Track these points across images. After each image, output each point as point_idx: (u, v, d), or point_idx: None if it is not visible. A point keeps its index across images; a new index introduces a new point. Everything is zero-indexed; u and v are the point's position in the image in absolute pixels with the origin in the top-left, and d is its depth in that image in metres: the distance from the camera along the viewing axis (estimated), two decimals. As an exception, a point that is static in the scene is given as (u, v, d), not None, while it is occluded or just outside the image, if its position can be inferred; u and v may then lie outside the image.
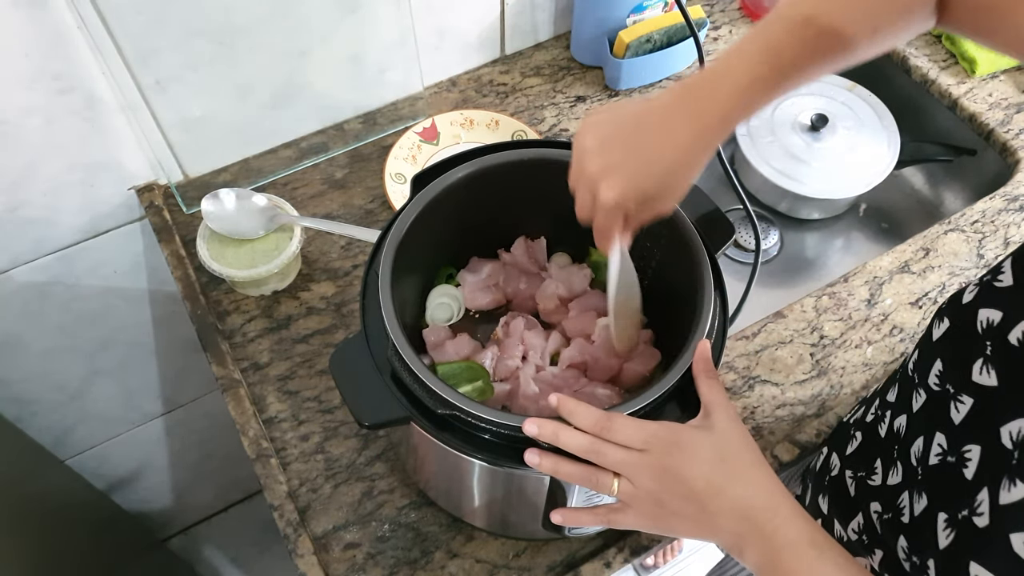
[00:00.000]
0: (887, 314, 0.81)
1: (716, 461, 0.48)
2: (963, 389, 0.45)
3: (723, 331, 0.57)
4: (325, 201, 0.89)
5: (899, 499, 0.51)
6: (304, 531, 0.68)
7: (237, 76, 0.83)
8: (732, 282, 0.60)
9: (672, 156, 0.50)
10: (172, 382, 1.18)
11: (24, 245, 0.86)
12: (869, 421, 0.59)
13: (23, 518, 0.92)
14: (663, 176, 0.50)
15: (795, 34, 0.49)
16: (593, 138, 0.51)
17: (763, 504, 0.47)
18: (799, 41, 0.49)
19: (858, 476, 0.58)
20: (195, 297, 0.81)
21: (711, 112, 0.49)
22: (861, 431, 0.61)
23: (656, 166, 0.50)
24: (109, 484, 1.29)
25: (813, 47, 0.49)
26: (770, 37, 0.50)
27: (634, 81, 0.99)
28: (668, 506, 0.48)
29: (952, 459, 0.45)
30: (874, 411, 0.59)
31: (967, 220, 0.88)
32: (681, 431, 0.49)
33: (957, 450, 0.44)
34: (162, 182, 0.89)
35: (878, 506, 0.54)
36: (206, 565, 1.55)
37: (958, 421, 0.45)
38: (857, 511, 0.57)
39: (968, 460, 0.43)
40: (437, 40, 0.95)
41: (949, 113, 1.01)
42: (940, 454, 0.46)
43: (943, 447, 0.46)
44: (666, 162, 0.50)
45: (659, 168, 0.50)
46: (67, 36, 0.72)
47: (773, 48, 0.49)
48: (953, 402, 0.46)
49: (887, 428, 0.55)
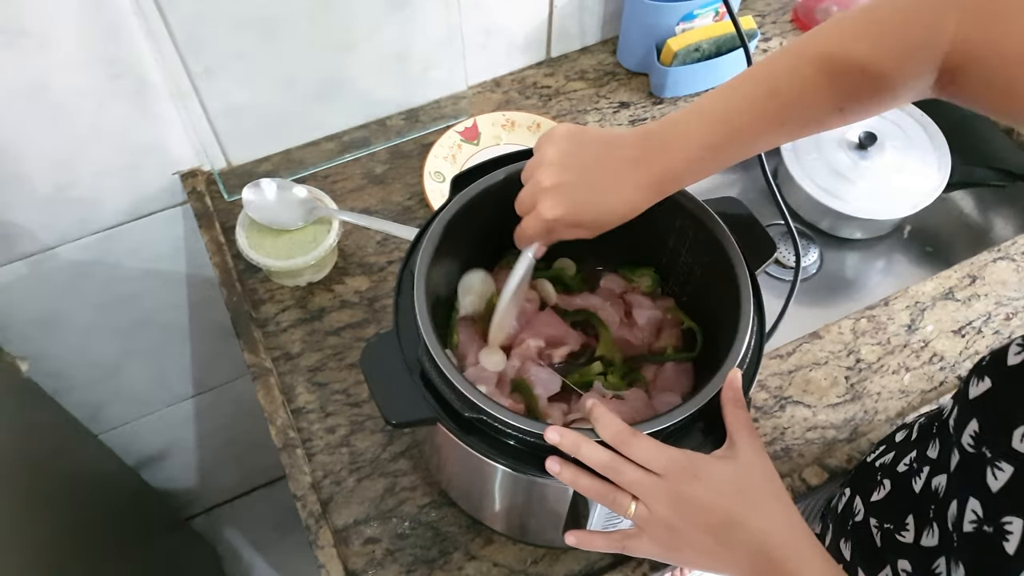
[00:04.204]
0: (928, 341, 0.79)
1: (735, 493, 0.47)
2: (1003, 456, 0.42)
3: (759, 351, 0.56)
4: (364, 196, 0.89)
5: (935, 564, 0.49)
6: (325, 523, 0.68)
7: (283, 67, 0.84)
8: (769, 298, 0.59)
9: (615, 202, 0.52)
10: (204, 366, 1.20)
11: (70, 224, 0.88)
12: (901, 472, 0.57)
13: (56, 488, 0.94)
14: (601, 215, 0.53)
15: (758, 105, 0.50)
16: (556, 153, 0.53)
17: (782, 540, 0.46)
18: (760, 114, 0.50)
19: (885, 528, 0.56)
20: (231, 284, 0.82)
21: (661, 172, 0.52)
22: (890, 480, 0.58)
23: (598, 206, 0.53)
24: (138, 461, 1.32)
25: (774, 120, 0.50)
26: (732, 105, 0.50)
27: (680, 90, 0.98)
28: (683, 535, 0.47)
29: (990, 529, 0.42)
30: (908, 463, 0.56)
31: (1018, 249, 0.85)
32: (701, 459, 0.48)
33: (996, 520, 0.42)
34: (205, 168, 0.90)
35: (907, 565, 0.52)
36: (227, 546, 1.57)
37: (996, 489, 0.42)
38: (884, 564, 0.55)
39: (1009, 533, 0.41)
40: (483, 39, 0.95)
41: (1005, 137, 0.98)
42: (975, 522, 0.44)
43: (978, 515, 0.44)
44: (608, 205, 0.52)
45: (600, 208, 0.53)
46: (123, 22, 0.73)
47: (733, 118, 0.50)
48: (991, 468, 0.43)
49: (923, 484, 0.53)
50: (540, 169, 0.53)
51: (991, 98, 0.46)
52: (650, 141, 0.52)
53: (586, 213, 0.53)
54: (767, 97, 0.49)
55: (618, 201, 0.52)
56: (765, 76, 0.50)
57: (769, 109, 0.49)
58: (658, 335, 0.67)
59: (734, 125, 0.50)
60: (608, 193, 0.52)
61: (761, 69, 0.50)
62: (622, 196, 0.52)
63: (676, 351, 0.67)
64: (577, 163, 0.53)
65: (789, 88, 0.49)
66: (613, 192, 0.52)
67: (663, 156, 0.51)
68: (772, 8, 1.08)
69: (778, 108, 0.49)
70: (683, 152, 0.51)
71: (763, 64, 0.50)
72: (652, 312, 0.67)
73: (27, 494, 0.85)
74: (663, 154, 0.51)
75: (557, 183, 0.52)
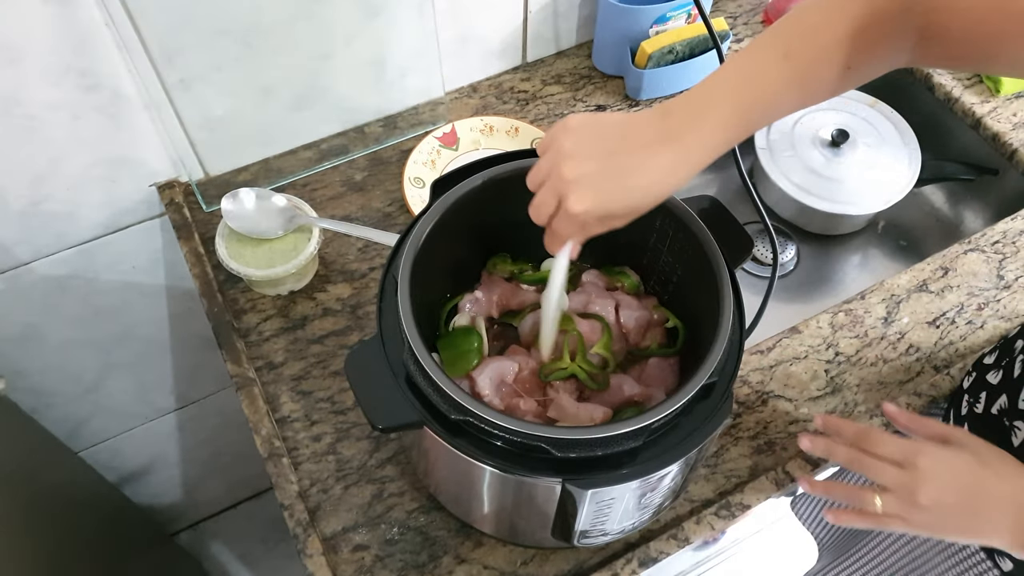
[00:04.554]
0: (904, 333, 0.80)
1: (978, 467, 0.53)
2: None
3: (740, 346, 0.57)
4: (344, 203, 0.89)
5: None
6: (313, 531, 0.68)
7: (260, 77, 0.83)
8: (748, 296, 0.59)
9: (645, 187, 0.50)
10: (186, 378, 1.19)
11: (46, 238, 0.87)
12: None
13: (36, 508, 0.93)
14: (633, 203, 0.50)
15: (774, 68, 0.49)
16: (573, 143, 0.50)
17: None
18: (778, 76, 0.49)
19: None
20: (212, 295, 0.81)
21: (691, 149, 0.49)
22: None
23: (629, 194, 0.50)
24: (120, 477, 1.30)
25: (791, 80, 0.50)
26: (750, 70, 0.50)
27: (655, 92, 0.99)
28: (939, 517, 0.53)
29: None
30: None
31: (987, 240, 0.87)
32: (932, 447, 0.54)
33: None
34: (183, 180, 0.90)
35: None
36: (213, 561, 1.55)
37: None
38: None
39: None
40: (459, 46, 0.95)
41: (972, 132, 1.00)
42: None
43: None
44: (639, 192, 0.50)
45: (631, 196, 0.50)
46: (95, 33, 0.73)
47: (754, 82, 0.50)
48: None
49: None
50: (558, 163, 0.50)
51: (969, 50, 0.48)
52: (674, 116, 0.50)
53: (618, 201, 0.50)
54: (782, 59, 0.49)
55: (650, 183, 0.49)
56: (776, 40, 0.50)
57: (785, 70, 0.49)
58: (644, 335, 0.68)
59: (756, 89, 0.49)
60: (639, 176, 0.49)
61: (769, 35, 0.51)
62: (654, 177, 0.49)
63: (660, 347, 0.67)
64: (599, 150, 0.49)
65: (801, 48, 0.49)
66: (644, 174, 0.49)
67: (692, 129, 0.49)
68: (743, 10, 1.10)
69: (793, 69, 0.49)
70: (712, 122, 0.49)
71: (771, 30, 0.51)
72: (640, 312, 0.67)
73: (6, 514, 0.84)
74: (692, 127, 0.49)
75: (581, 174, 0.49)
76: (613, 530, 0.61)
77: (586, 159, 0.49)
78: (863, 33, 0.49)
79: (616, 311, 0.67)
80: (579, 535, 0.60)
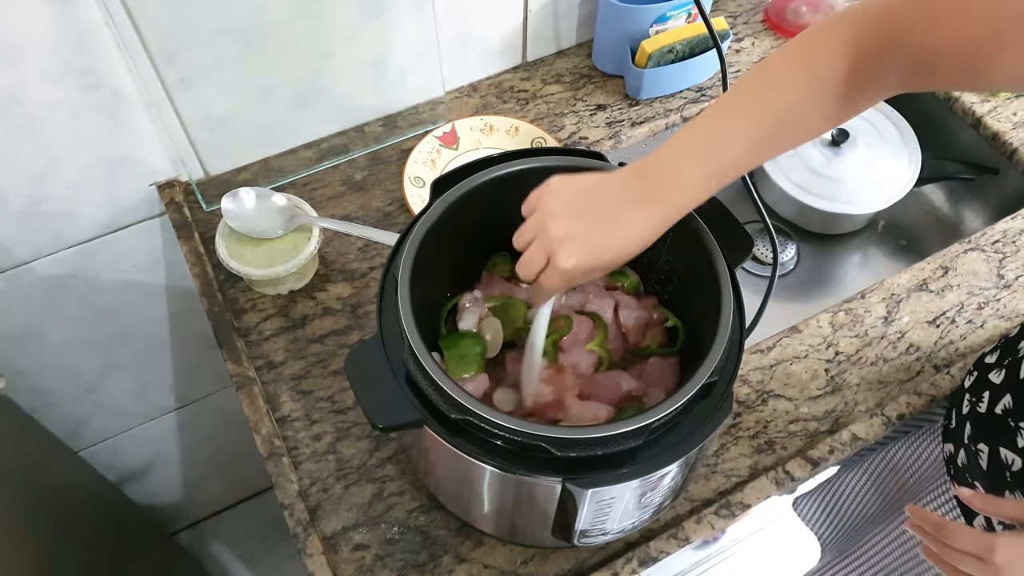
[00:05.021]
0: (904, 332, 0.80)
1: None
2: None
3: (740, 346, 0.57)
4: (344, 203, 0.89)
5: None
6: (314, 531, 0.68)
7: (260, 76, 0.83)
8: (748, 295, 0.59)
9: (627, 242, 0.52)
10: (186, 378, 1.19)
11: (46, 238, 0.87)
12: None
13: (36, 507, 0.93)
14: (617, 257, 0.53)
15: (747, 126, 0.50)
16: (557, 204, 0.53)
17: None
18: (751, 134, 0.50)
19: None
20: (212, 294, 0.81)
21: (667, 206, 0.52)
22: None
23: (613, 249, 0.53)
24: (120, 477, 1.30)
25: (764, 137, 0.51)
26: (721, 129, 0.51)
27: (655, 91, 0.99)
28: None
29: None
30: None
31: (987, 240, 0.87)
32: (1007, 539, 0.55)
33: None
34: (183, 179, 0.90)
35: None
36: (213, 560, 1.55)
37: None
38: None
39: None
40: (459, 45, 0.95)
41: (972, 131, 1.00)
42: None
43: None
44: (621, 246, 0.53)
45: (615, 250, 0.53)
46: (95, 32, 0.72)
47: (725, 143, 0.51)
48: None
49: None
50: (546, 222, 0.53)
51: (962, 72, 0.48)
52: (648, 179, 0.52)
53: (603, 255, 0.53)
54: (755, 116, 0.50)
55: (631, 236, 0.52)
56: (748, 96, 0.51)
57: (757, 129, 0.50)
58: (644, 335, 0.68)
59: (728, 149, 0.51)
60: (621, 233, 0.52)
61: (741, 90, 0.51)
62: (635, 232, 0.52)
63: (660, 347, 0.67)
64: (582, 209, 0.52)
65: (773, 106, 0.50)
66: (625, 231, 0.52)
67: (665, 192, 0.52)
68: (743, 9, 1.10)
69: (767, 125, 0.50)
70: (684, 185, 0.52)
71: (742, 84, 0.52)
72: (640, 312, 0.68)
73: (6, 514, 0.84)
74: (664, 191, 0.52)
75: (568, 231, 0.52)
76: (613, 529, 0.61)
77: (571, 217, 0.52)
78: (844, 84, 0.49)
79: (615, 311, 0.67)
80: (579, 534, 0.60)
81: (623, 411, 0.62)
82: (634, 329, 0.67)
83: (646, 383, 0.64)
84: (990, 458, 0.66)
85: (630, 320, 0.67)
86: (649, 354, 0.66)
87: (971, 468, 0.68)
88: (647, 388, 0.63)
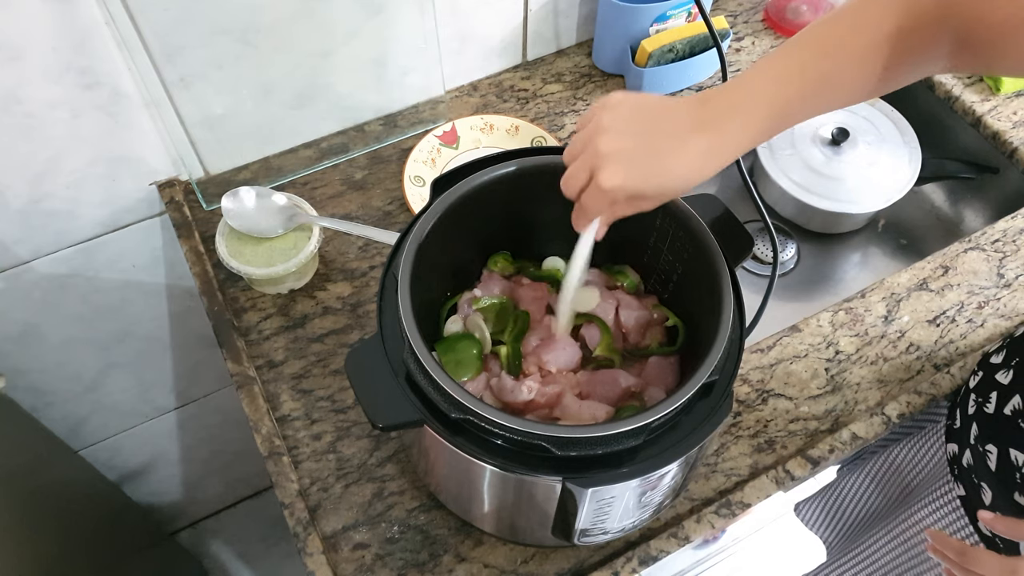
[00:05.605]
0: (904, 331, 0.80)
1: None
2: None
3: (740, 345, 0.57)
4: (344, 202, 0.89)
5: None
6: (314, 530, 0.68)
7: (261, 75, 0.83)
8: (748, 294, 0.59)
9: (678, 171, 0.50)
10: (186, 377, 1.19)
11: (46, 237, 0.87)
12: None
13: (36, 506, 0.93)
14: (664, 185, 0.51)
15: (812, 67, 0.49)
16: (612, 120, 0.50)
17: None
18: (816, 75, 0.49)
19: None
20: (212, 293, 0.81)
21: (726, 139, 0.50)
22: None
23: (661, 175, 0.50)
24: (120, 476, 1.30)
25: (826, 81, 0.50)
26: (789, 68, 0.50)
27: (655, 90, 0.99)
28: None
29: None
30: None
31: (988, 239, 0.87)
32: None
33: None
34: (183, 178, 0.90)
35: None
36: (213, 559, 1.55)
37: None
38: None
39: None
40: (459, 44, 0.95)
41: (972, 130, 1.00)
42: None
43: None
44: (671, 175, 0.50)
45: (663, 178, 0.50)
46: (95, 31, 0.72)
47: (793, 78, 0.50)
48: None
49: None
50: (596, 137, 0.50)
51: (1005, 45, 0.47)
52: (713, 105, 0.50)
53: (650, 181, 0.50)
54: (819, 59, 0.49)
55: (683, 167, 0.50)
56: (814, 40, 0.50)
57: (822, 71, 0.49)
58: (644, 334, 0.68)
59: (792, 88, 0.50)
60: (672, 159, 0.50)
61: (807, 35, 0.51)
62: (687, 162, 0.50)
63: (660, 346, 0.67)
64: (637, 128, 0.50)
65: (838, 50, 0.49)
66: (677, 158, 0.49)
67: (727, 121, 0.50)
68: (743, 8, 1.10)
69: (830, 70, 0.49)
70: (747, 116, 0.50)
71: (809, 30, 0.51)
72: (640, 312, 0.68)
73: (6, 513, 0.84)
74: (727, 119, 0.50)
75: (617, 149, 0.49)
76: (613, 528, 0.61)
77: (623, 135, 0.50)
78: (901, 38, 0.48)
79: (616, 311, 0.67)
80: (579, 534, 0.60)
81: (623, 410, 0.62)
82: (634, 329, 0.67)
83: (646, 382, 0.64)
84: (999, 459, 0.65)
85: (630, 320, 0.67)
86: (649, 353, 0.66)
87: (978, 469, 0.68)
88: (647, 386, 0.63)
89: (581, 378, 0.64)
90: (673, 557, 0.69)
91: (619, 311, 0.67)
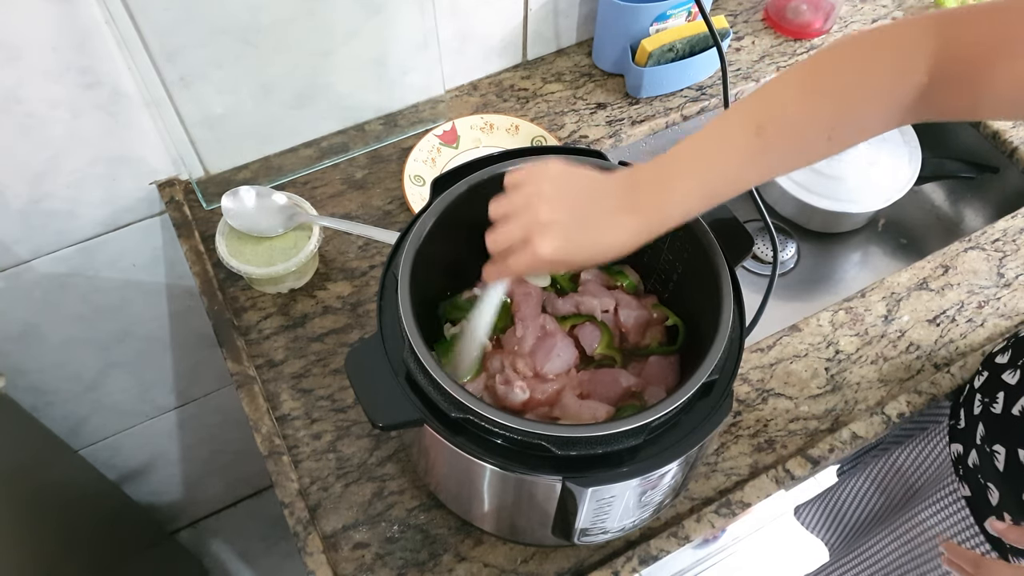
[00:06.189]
0: (904, 331, 0.80)
1: None
2: None
3: (740, 344, 0.57)
4: (344, 201, 0.89)
5: None
6: (314, 529, 0.68)
7: (261, 75, 0.83)
8: (748, 294, 0.59)
9: (606, 247, 0.52)
10: (186, 376, 1.19)
11: (46, 236, 0.87)
12: None
13: (36, 505, 0.93)
14: (595, 257, 0.53)
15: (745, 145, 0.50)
16: (551, 188, 0.53)
17: None
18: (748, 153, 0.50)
19: None
20: (212, 293, 0.81)
21: (653, 219, 0.52)
22: None
23: (593, 248, 0.52)
24: (121, 475, 1.30)
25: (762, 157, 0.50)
26: (719, 148, 0.51)
27: (655, 90, 0.99)
28: None
29: None
30: None
31: (988, 238, 0.87)
32: None
33: None
34: (183, 178, 0.90)
35: None
36: (213, 559, 1.56)
37: None
38: None
39: None
40: (459, 44, 0.95)
41: (972, 130, 1.00)
42: None
43: None
44: (601, 247, 0.52)
45: (594, 250, 0.52)
46: (95, 31, 0.72)
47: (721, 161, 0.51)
48: None
49: None
50: (534, 204, 0.52)
51: None
52: (639, 191, 0.52)
53: (580, 252, 0.52)
54: (754, 135, 0.50)
55: (611, 242, 0.52)
56: (749, 114, 0.51)
57: (756, 147, 0.50)
58: (644, 334, 0.68)
59: (723, 168, 0.51)
60: (604, 235, 0.52)
61: (743, 108, 0.51)
62: (616, 239, 0.52)
63: (660, 346, 0.67)
64: (572, 203, 0.52)
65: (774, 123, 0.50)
66: (608, 234, 0.52)
67: (655, 205, 0.52)
68: (743, 7, 1.10)
69: (765, 144, 0.50)
70: (675, 199, 0.51)
71: (745, 102, 0.51)
72: (639, 312, 0.68)
73: (5, 513, 0.84)
74: (656, 204, 0.52)
75: (553, 220, 0.51)
76: (613, 528, 0.61)
77: (561, 208, 0.52)
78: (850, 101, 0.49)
79: (615, 310, 0.67)
80: (579, 533, 0.60)
81: (623, 409, 0.62)
82: (634, 328, 0.67)
83: (646, 382, 0.64)
84: (1007, 459, 0.65)
85: (630, 319, 0.67)
86: (649, 353, 0.66)
87: (984, 469, 0.68)
88: (647, 386, 0.63)
89: (581, 377, 0.64)
90: (673, 557, 0.69)
91: (618, 311, 0.67)
